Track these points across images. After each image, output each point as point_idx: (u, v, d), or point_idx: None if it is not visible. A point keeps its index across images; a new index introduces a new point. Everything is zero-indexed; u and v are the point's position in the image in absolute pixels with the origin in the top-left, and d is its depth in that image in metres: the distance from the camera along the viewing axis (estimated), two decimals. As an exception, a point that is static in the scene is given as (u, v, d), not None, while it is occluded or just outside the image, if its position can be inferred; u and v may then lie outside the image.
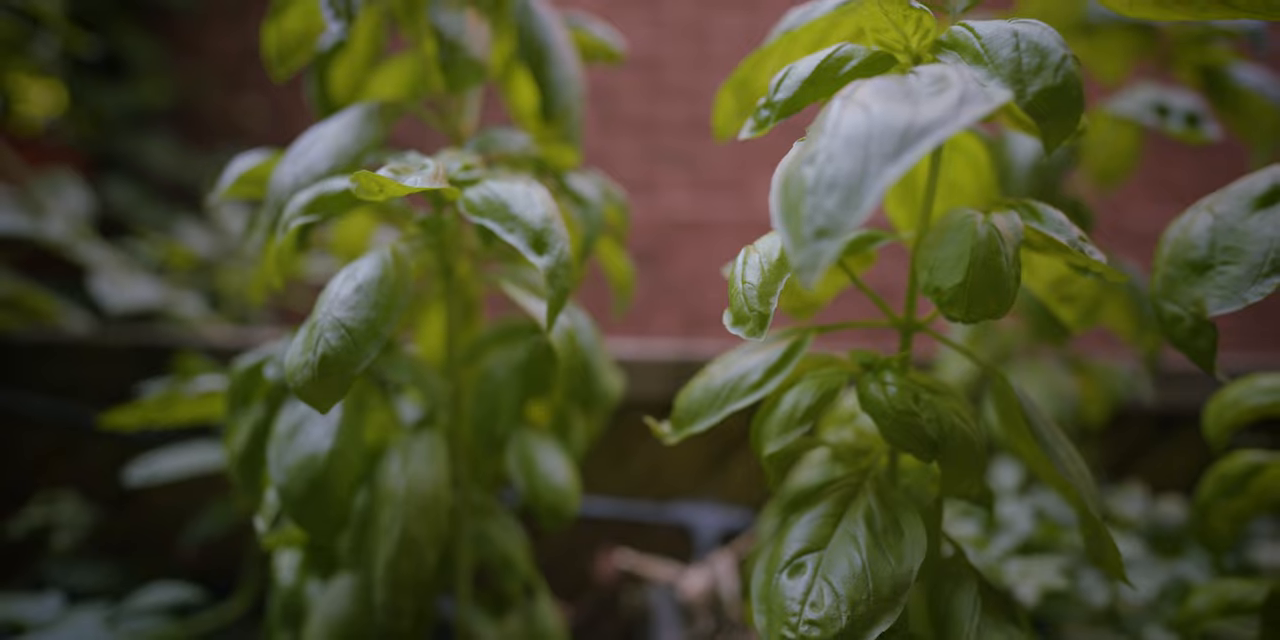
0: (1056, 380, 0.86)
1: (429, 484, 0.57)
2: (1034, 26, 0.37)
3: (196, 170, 2.09)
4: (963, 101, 0.31)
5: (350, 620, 0.60)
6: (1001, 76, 0.36)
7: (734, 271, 0.40)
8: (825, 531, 0.43)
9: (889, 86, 0.32)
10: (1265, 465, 0.59)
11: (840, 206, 0.29)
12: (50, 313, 1.03)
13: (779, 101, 0.40)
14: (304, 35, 0.61)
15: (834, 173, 0.29)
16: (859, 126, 0.30)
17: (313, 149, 0.51)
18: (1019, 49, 0.37)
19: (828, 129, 0.31)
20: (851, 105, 0.31)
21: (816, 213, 0.29)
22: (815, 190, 0.30)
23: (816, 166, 0.30)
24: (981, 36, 0.37)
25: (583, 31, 0.66)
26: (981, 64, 0.37)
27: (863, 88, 0.33)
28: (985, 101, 0.32)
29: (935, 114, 0.30)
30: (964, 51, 0.38)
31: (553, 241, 0.43)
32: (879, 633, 0.39)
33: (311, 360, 0.41)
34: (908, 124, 0.29)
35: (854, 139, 0.30)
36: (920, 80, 0.33)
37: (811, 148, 0.31)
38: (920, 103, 0.31)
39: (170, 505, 1.07)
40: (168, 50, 2.27)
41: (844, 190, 0.29)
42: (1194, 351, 0.45)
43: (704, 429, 0.46)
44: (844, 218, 0.29)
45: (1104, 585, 0.73)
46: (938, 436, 0.41)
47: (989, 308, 0.39)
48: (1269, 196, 0.47)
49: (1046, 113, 0.36)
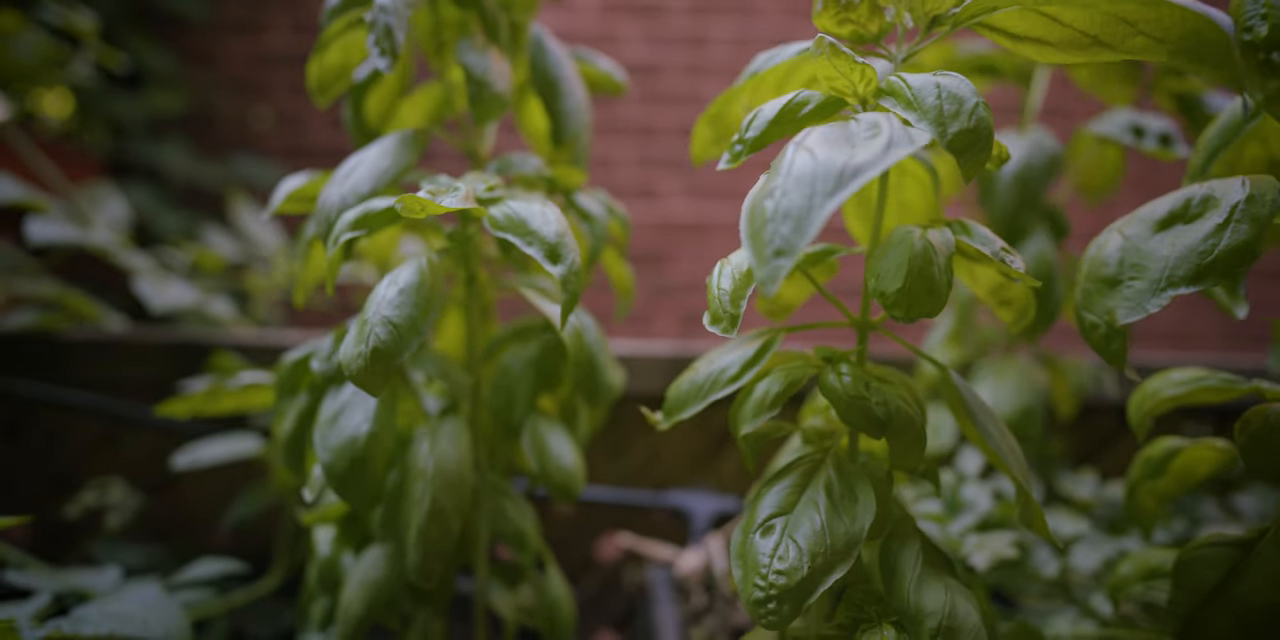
0: (1029, 374, 0.95)
1: (454, 462, 0.65)
2: (954, 79, 0.45)
3: (210, 175, 2.17)
4: (890, 145, 0.40)
5: (383, 583, 0.68)
6: (928, 120, 0.44)
7: (711, 280, 0.48)
8: (792, 498, 0.51)
9: (833, 133, 0.41)
10: (1181, 449, 0.67)
11: (792, 232, 0.37)
12: (93, 315, 1.11)
13: (749, 138, 0.48)
14: (342, 68, 0.70)
15: (787, 205, 0.38)
16: (806, 168, 0.38)
17: (356, 172, 0.59)
18: (941, 97, 0.45)
19: (783, 170, 0.39)
20: (802, 150, 0.39)
21: (775, 237, 0.37)
22: (774, 219, 0.38)
23: (774, 200, 0.38)
24: (912, 87, 0.45)
25: (589, 64, 0.74)
26: (912, 110, 0.45)
27: (812, 134, 0.41)
28: (909, 144, 0.40)
29: (866, 157, 0.38)
30: (899, 98, 0.46)
31: (565, 253, 0.51)
32: (834, 579, 0.47)
33: (364, 351, 0.49)
34: (843, 166, 0.38)
35: (802, 178, 0.38)
36: (859, 126, 0.42)
37: (771, 184, 0.39)
38: (857, 147, 0.39)
39: (204, 493, 1.16)
40: (181, 60, 2.35)
41: (795, 220, 0.37)
42: (1108, 354, 0.53)
43: (690, 416, 0.54)
44: (795, 241, 0.37)
45: (1055, 559, 0.81)
46: (885, 417, 0.50)
47: (924, 308, 0.47)
48: (1167, 221, 0.54)
49: (963, 149, 0.44)
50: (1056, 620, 0.77)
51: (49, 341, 1.11)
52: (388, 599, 0.68)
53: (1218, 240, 0.51)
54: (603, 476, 1.21)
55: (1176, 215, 0.55)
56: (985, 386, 0.91)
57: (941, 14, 0.50)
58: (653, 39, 2.44)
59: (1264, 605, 0.53)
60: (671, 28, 2.44)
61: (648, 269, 2.39)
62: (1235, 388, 0.62)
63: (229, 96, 2.42)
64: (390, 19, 0.56)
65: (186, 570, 0.83)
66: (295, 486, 0.94)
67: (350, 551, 0.75)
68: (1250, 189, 0.53)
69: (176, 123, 2.32)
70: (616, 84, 0.75)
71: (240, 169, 2.21)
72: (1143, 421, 0.66)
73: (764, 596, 0.47)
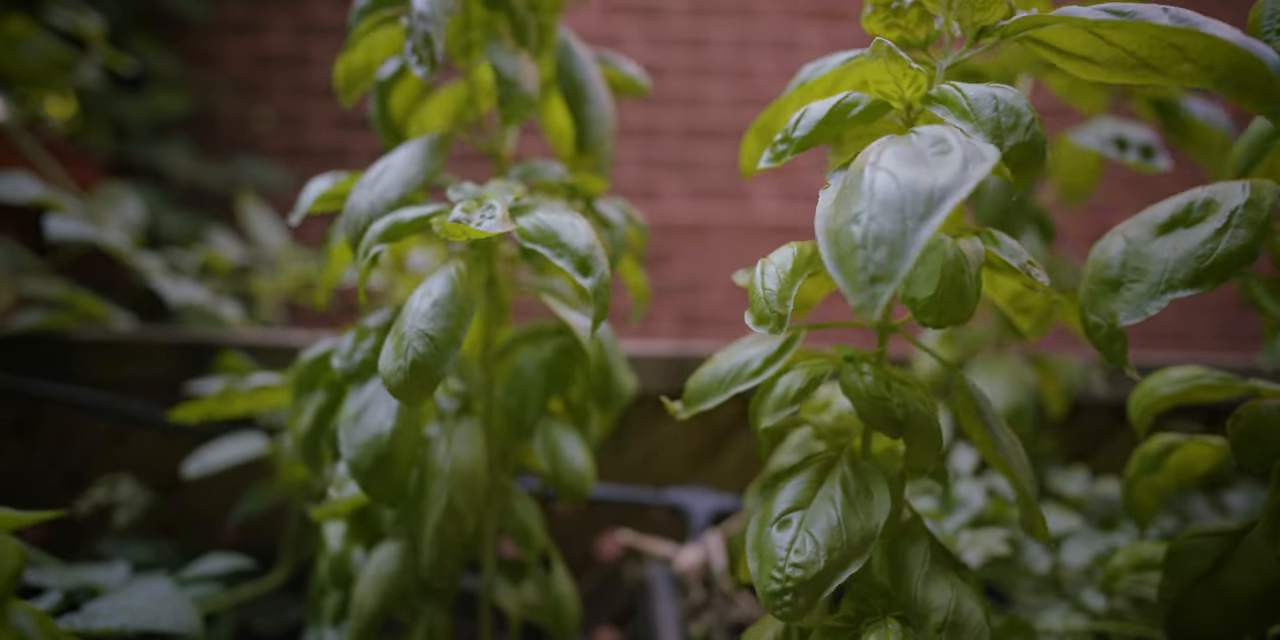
0: (1020, 373, 0.97)
1: (469, 462, 0.67)
2: (1009, 91, 0.47)
3: (212, 176, 2.17)
4: (966, 164, 0.40)
5: (395, 578, 0.69)
6: (984, 132, 0.45)
7: (754, 280, 0.49)
8: (808, 494, 0.53)
9: (904, 151, 0.41)
10: (1178, 445, 0.69)
11: (888, 258, 0.37)
12: (101, 314, 1.12)
13: (796, 138, 0.50)
14: (366, 67, 0.71)
15: (878, 231, 0.38)
16: (892, 191, 0.39)
17: (384, 178, 0.61)
18: (998, 110, 0.46)
19: (864, 191, 0.39)
20: (880, 172, 0.40)
21: (869, 263, 0.37)
22: (864, 245, 0.38)
23: (862, 226, 0.38)
24: (968, 97, 0.47)
25: (613, 68, 0.76)
26: (968, 120, 0.46)
27: (885, 153, 0.41)
28: (983, 161, 0.41)
29: (949, 178, 0.39)
30: (953, 107, 0.47)
31: (595, 266, 0.53)
32: (849, 573, 0.49)
33: (403, 365, 0.51)
34: (930, 188, 0.38)
35: (889, 203, 0.38)
36: (923, 141, 0.42)
37: (853, 207, 0.39)
38: (933, 166, 0.40)
39: (211, 491, 1.17)
40: (182, 61, 2.35)
41: (889, 244, 0.37)
42: (1110, 353, 0.55)
43: (712, 406, 0.56)
44: (894, 267, 0.37)
45: (1047, 555, 0.84)
46: (904, 418, 0.52)
47: (955, 315, 0.49)
48: (1169, 224, 0.56)
49: (1019, 162, 0.46)
50: (1048, 615, 0.79)
51: (58, 341, 1.12)
52: (401, 594, 0.69)
53: (1216, 244, 0.53)
54: (604, 474, 1.23)
55: (1178, 219, 0.57)
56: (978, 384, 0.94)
57: (990, 25, 0.51)
58: (654, 40, 2.46)
59: (1248, 593, 0.56)
60: (672, 29, 2.46)
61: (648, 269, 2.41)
62: (1232, 386, 0.64)
63: (230, 97, 2.43)
64: (429, 27, 0.57)
65: (195, 565, 0.84)
66: (302, 483, 0.95)
67: (360, 547, 0.76)
68: (1250, 193, 0.55)
69: (178, 123, 2.32)
70: (640, 87, 0.77)
71: (242, 169, 2.21)
72: (1142, 418, 0.68)
73: (780, 589, 0.49)
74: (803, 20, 2.46)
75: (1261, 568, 0.56)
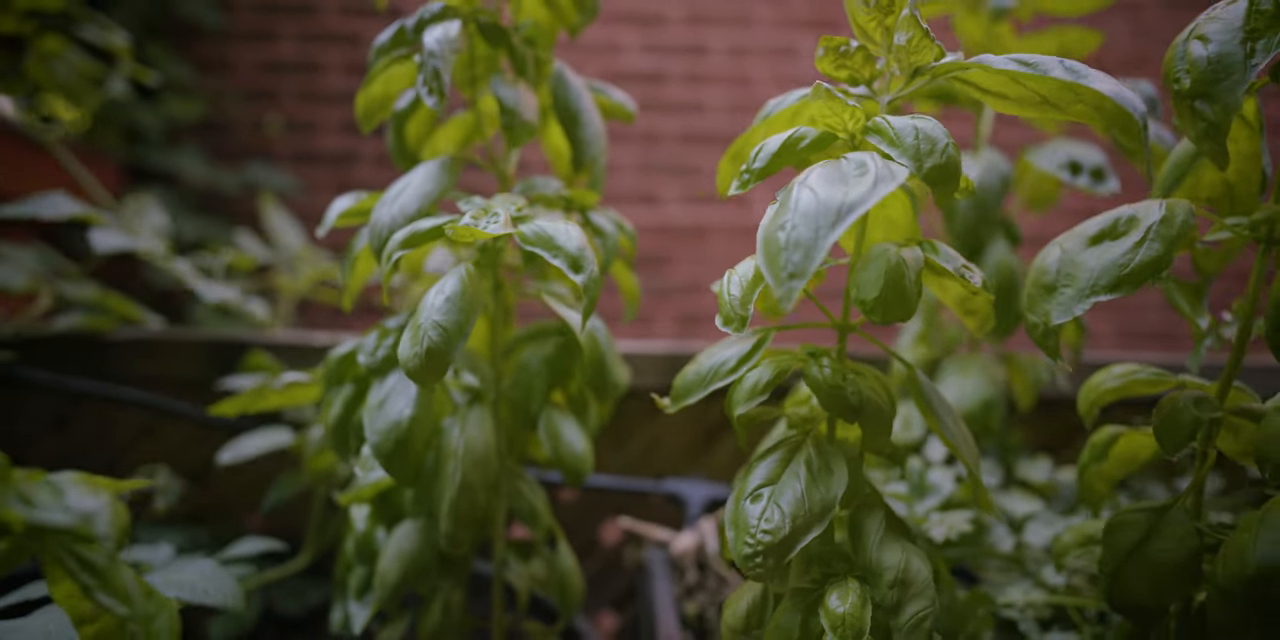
0: (990, 370, 1.04)
1: (481, 445, 0.74)
2: (929, 122, 0.54)
3: (226, 181, 2.25)
4: (876, 182, 0.48)
5: (416, 553, 0.77)
6: (908, 156, 0.53)
7: (722, 287, 0.57)
8: (777, 471, 0.60)
9: (829, 172, 0.50)
10: (1121, 435, 0.76)
11: (802, 259, 0.45)
12: (134, 316, 1.20)
13: (756, 168, 0.58)
14: (384, 99, 0.79)
15: (797, 237, 0.46)
16: (811, 205, 0.47)
17: (403, 195, 0.68)
18: (918, 138, 0.54)
19: (791, 206, 0.48)
20: (805, 189, 0.48)
21: (788, 263, 0.46)
22: (786, 248, 0.46)
23: (786, 232, 0.47)
24: (894, 127, 0.55)
25: (602, 95, 0.84)
26: (894, 147, 0.54)
27: (812, 174, 0.50)
28: (892, 180, 0.49)
29: (858, 195, 0.47)
30: (884, 136, 0.55)
31: (585, 264, 0.60)
32: (811, 537, 0.57)
33: (419, 351, 0.58)
34: (840, 203, 0.46)
35: (808, 214, 0.46)
36: (850, 165, 0.51)
37: (781, 218, 0.48)
38: (850, 185, 0.48)
39: (239, 481, 1.25)
40: (195, 68, 2.43)
41: (804, 249, 0.46)
42: (1047, 348, 0.63)
43: (694, 401, 0.63)
44: (805, 266, 0.45)
45: (1011, 536, 0.91)
46: (858, 404, 0.59)
47: (897, 314, 0.57)
48: (1098, 237, 0.64)
49: (936, 181, 0.54)
50: (1011, 590, 0.87)
51: (95, 341, 1.20)
52: (421, 567, 0.77)
53: (1134, 255, 0.61)
54: (605, 465, 1.31)
55: (1105, 233, 0.64)
56: (951, 382, 1.01)
57: (923, 66, 0.59)
58: (653, 48, 2.53)
59: (1173, 562, 0.63)
60: (671, 37, 2.53)
61: (648, 271, 2.48)
62: (1165, 381, 0.71)
63: (241, 104, 2.51)
64: (438, 63, 0.65)
65: (232, 547, 0.92)
66: (325, 473, 1.03)
67: (383, 527, 0.84)
68: (1165, 212, 0.62)
69: (191, 129, 2.41)
70: (627, 113, 0.84)
71: (253, 174, 2.29)
72: (1090, 411, 0.75)
73: (752, 552, 0.56)
74: (797, 29, 2.53)
75: (1183, 539, 0.64)
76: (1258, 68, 0.56)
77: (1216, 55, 0.57)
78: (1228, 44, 0.57)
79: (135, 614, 0.39)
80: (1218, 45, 0.58)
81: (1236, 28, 0.57)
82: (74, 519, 0.37)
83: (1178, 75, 0.60)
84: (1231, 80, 0.57)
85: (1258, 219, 0.62)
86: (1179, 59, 0.61)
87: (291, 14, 2.55)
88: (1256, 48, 0.56)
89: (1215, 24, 0.59)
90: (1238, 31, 0.57)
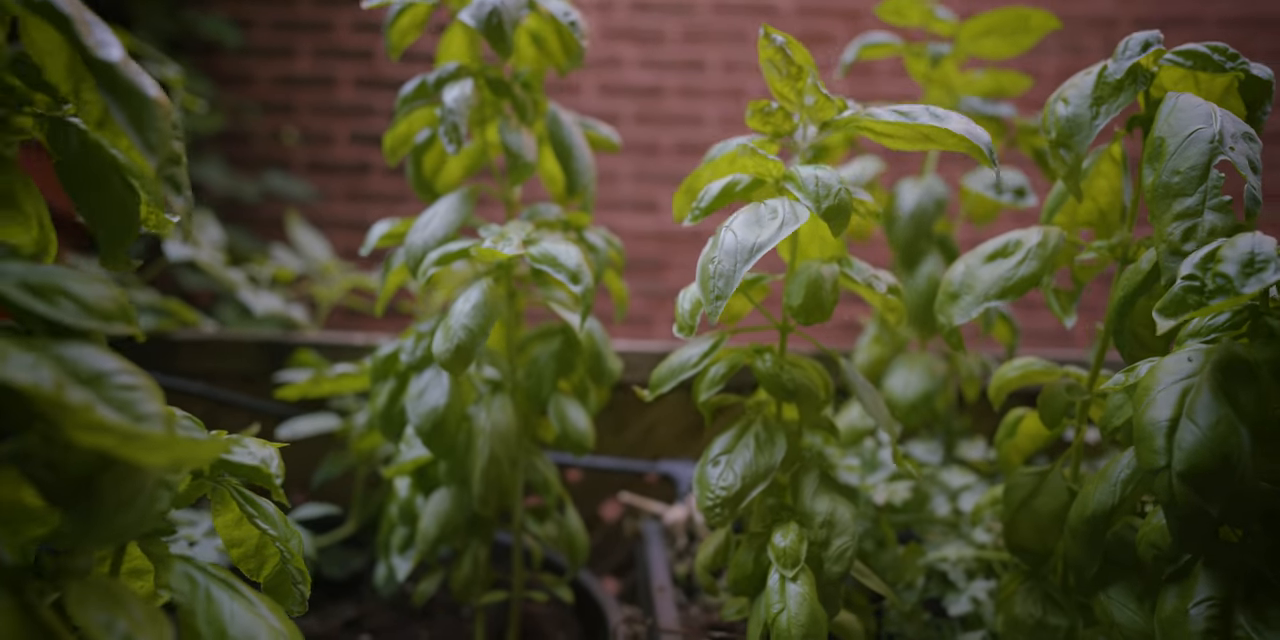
0: (932, 365, 1.21)
1: (504, 425, 0.91)
2: (827, 172, 0.71)
3: (246, 191, 2.41)
4: (782, 225, 0.65)
5: (450, 514, 0.94)
6: (810, 199, 0.70)
7: (677, 303, 0.74)
8: (733, 443, 0.77)
9: (749, 217, 0.67)
10: (1025, 416, 0.93)
11: (724, 286, 0.62)
12: (191, 319, 1.38)
13: (702, 207, 0.74)
14: (406, 136, 0.96)
15: (721, 269, 0.63)
16: (731, 244, 0.64)
17: (432, 223, 0.85)
18: (818, 185, 0.70)
19: (719, 244, 0.64)
20: (729, 231, 0.65)
21: (714, 288, 0.63)
22: (714, 276, 0.63)
23: (714, 265, 0.63)
24: (802, 176, 0.71)
25: (592, 130, 1.01)
26: (802, 191, 0.70)
27: (737, 219, 0.66)
28: (795, 221, 0.66)
29: (767, 236, 0.64)
30: (795, 183, 0.71)
31: (583, 277, 0.77)
32: (756, 493, 0.73)
33: (450, 347, 0.75)
34: (752, 244, 0.63)
35: (728, 252, 0.63)
36: (765, 210, 0.68)
37: (712, 253, 0.64)
38: (763, 227, 0.65)
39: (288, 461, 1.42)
40: (215, 83, 2.59)
41: (725, 278, 0.63)
42: (951, 343, 0.80)
43: (667, 391, 0.80)
44: (726, 291, 0.62)
45: (948, 504, 1.08)
46: (793, 388, 0.76)
47: (817, 317, 0.73)
48: (993, 255, 0.81)
49: (831, 217, 0.69)
50: (947, 548, 1.03)
51: (161, 340, 1.38)
52: (455, 526, 0.94)
53: (1016, 271, 0.78)
54: (607, 449, 1.48)
55: (998, 252, 0.81)
56: (898, 375, 1.17)
57: (829, 120, 0.76)
58: (652, 63, 2.69)
59: (1050, 512, 0.79)
60: (669, 53, 2.69)
61: (648, 276, 2.65)
62: (1054, 371, 0.87)
63: (259, 116, 2.67)
64: (456, 118, 0.82)
65: (295, 512, 1.10)
66: (368, 453, 1.20)
67: (422, 495, 1.01)
68: (1041, 236, 0.79)
69: (212, 140, 2.57)
70: (613, 145, 1.01)
71: (270, 184, 2.46)
72: (998, 396, 0.91)
73: (712, 504, 0.73)
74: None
75: (1058, 494, 0.80)
76: (1100, 126, 0.72)
77: (1073, 114, 0.74)
78: (1080, 106, 0.73)
79: (280, 535, 0.56)
80: (1074, 107, 0.74)
81: (1087, 94, 0.73)
82: (258, 461, 0.55)
83: (1049, 128, 0.77)
84: (1082, 135, 0.73)
85: (1114, 243, 0.79)
86: (1050, 115, 0.77)
87: (307, 31, 2.71)
88: (1100, 111, 0.72)
89: (1073, 89, 0.75)
90: (1088, 97, 0.73)
